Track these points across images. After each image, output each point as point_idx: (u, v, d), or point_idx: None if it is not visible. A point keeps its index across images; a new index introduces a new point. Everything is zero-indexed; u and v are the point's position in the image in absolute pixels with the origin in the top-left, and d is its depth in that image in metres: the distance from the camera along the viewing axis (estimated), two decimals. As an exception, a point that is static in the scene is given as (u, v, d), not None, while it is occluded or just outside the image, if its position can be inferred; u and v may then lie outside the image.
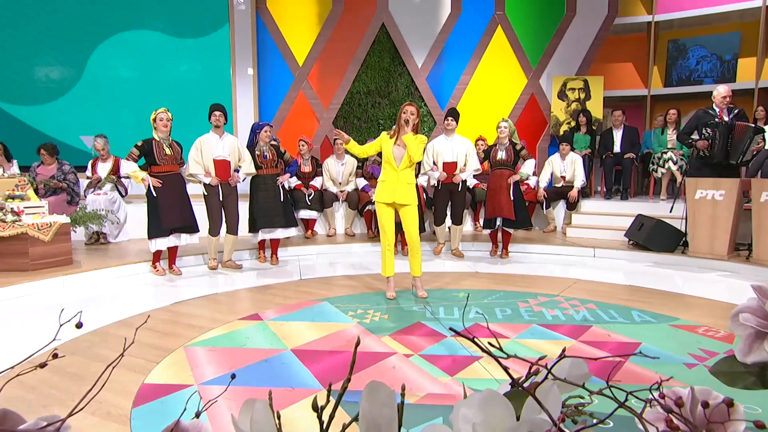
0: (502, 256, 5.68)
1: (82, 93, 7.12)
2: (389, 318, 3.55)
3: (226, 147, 5.07)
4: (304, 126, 7.87)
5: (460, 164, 5.54)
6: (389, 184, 3.96)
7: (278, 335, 3.19)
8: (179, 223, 4.81)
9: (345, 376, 2.60)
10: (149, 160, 4.72)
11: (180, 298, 4.11)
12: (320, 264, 5.53)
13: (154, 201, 4.71)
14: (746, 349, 0.51)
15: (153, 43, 7.29)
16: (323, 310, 3.74)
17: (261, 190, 5.31)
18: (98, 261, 5.08)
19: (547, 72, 8.17)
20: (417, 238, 4.02)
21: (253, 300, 4.07)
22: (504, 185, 5.36)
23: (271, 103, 7.88)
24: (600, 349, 2.92)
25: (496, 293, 4.16)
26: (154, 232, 4.75)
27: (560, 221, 7.00)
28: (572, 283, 4.48)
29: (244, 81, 7.56)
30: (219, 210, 5.09)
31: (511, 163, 5.40)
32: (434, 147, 5.59)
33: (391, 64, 7.97)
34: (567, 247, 5.89)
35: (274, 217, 5.33)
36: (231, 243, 5.26)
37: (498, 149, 5.46)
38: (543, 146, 8.24)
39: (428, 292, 4.13)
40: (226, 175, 5.07)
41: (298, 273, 5.04)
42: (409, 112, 3.92)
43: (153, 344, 3.04)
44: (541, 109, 8.23)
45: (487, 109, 8.02)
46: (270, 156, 5.35)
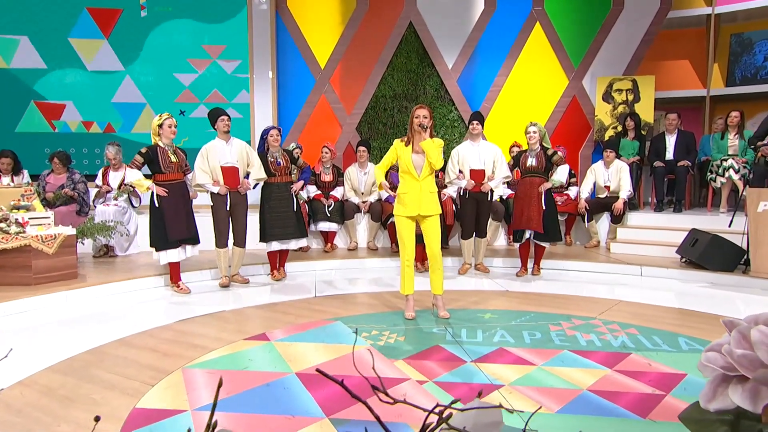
0: (534, 272, 5.57)
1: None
2: (406, 340, 3.50)
3: (234, 152, 5.12)
4: (326, 132, 7.93)
5: (488, 172, 5.48)
6: (412, 196, 3.94)
7: (284, 357, 3.19)
8: (185, 235, 4.87)
9: (350, 404, 2.57)
10: (153, 168, 4.78)
11: (186, 315, 4.16)
12: (338, 280, 5.53)
13: (159, 211, 4.76)
14: (710, 394, 0.45)
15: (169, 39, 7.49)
16: (335, 330, 3.73)
17: (274, 199, 5.33)
18: (104, 275, 5.20)
19: (591, 72, 8.02)
20: (439, 251, 3.98)
21: (261, 318, 4.09)
22: (534, 194, 5.27)
23: (292, 107, 7.98)
24: (638, 380, 2.80)
25: (526, 314, 4.06)
26: (162, 244, 4.81)
27: (603, 235, 6.83)
28: (613, 305, 4.34)
29: (263, 84, 7.68)
30: (227, 220, 5.13)
31: (543, 170, 5.30)
32: (459, 154, 5.54)
33: (419, 65, 7.97)
34: (610, 265, 5.75)
35: (287, 228, 5.35)
36: (239, 256, 5.29)
37: (528, 155, 5.37)
38: (586, 153, 8.07)
39: (451, 312, 4.07)
40: (236, 183, 5.11)
41: (314, 289, 5.05)
42: (422, 116, 3.89)
43: (151, 365, 3.07)
44: (584, 113, 8.07)
45: (523, 113, 7.91)
46: (283, 162, 5.39)
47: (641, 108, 7.70)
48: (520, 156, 5.46)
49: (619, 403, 2.53)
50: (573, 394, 2.63)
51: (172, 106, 7.55)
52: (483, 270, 5.69)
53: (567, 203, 6.74)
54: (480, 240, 5.70)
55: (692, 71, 8.36)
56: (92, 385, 2.79)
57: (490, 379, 2.81)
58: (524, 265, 5.64)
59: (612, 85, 7.80)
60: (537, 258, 5.61)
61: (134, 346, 3.41)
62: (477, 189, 5.47)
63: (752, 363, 0.44)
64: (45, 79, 7.30)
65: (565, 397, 2.60)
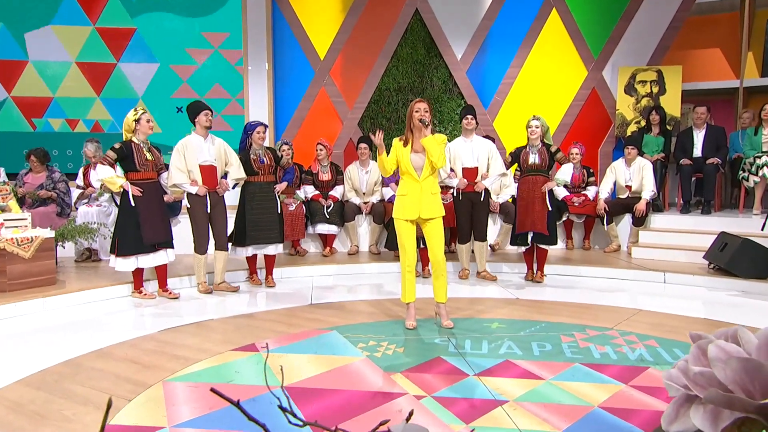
0: (537, 278, 5.54)
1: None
2: (405, 351, 3.49)
3: (213, 150, 5.11)
4: (325, 127, 7.94)
5: (482, 169, 5.47)
6: (412, 198, 3.92)
7: (273, 370, 3.19)
8: (162, 238, 4.88)
9: (340, 420, 2.55)
10: (126, 165, 4.77)
11: (171, 324, 4.17)
12: (337, 286, 5.53)
13: (133, 212, 4.73)
14: (673, 415, 0.43)
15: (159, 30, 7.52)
16: (330, 340, 3.72)
17: (256, 200, 5.32)
18: (86, 281, 5.22)
19: (612, 62, 7.97)
20: (442, 257, 3.96)
21: (251, 327, 4.09)
22: (538, 194, 5.24)
23: (289, 101, 7.99)
24: (655, 396, 2.76)
25: (536, 324, 4.04)
26: (129, 248, 4.74)
27: (624, 239, 6.80)
28: (632, 314, 4.31)
29: (258, 77, 7.69)
30: (206, 223, 5.12)
31: (546, 168, 5.28)
32: (451, 151, 5.53)
33: (425, 56, 7.96)
34: (631, 271, 5.72)
35: (268, 231, 5.33)
36: (222, 261, 5.27)
37: (529, 152, 5.33)
38: (606, 150, 8.02)
39: (455, 322, 4.05)
40: (214, 183, 5.10)
41: (310, 296, 5.05)
42: (422, 110, 3.87)
43: (129, 378, 3.07)
44: (605, 107, 8.02)
45: (538, 107, 7.86)
46: (267, 161, 5.38)
47: (667, 101, 7.63)
48: (520, 152, 5.42)
49: (633, 422, 2.49)
50: (583, 412, 2.60)
51: (167, 103, 7.52)
52: (488, 278, 5.65)
53: (585, 204, 6.70)
54: (480, 244, 5.65)
55: (724, 60, 8.28)
56: (65, 400, 2.78)
57: (493, 394, 2.79)
58: (530, 268, 5.64)
59: (635, 76, 7.75)
60: (540, 262, 5.56)
61: (113, 357, 3.42)
62: (471, 188, 5.45)
63: (709, 382, 0.42)
64: (24, 72, 7.27)
65: (574, 415, 2.57)
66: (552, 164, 5.32)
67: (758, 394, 0.50)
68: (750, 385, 0.50)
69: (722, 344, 0.43)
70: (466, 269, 5.78)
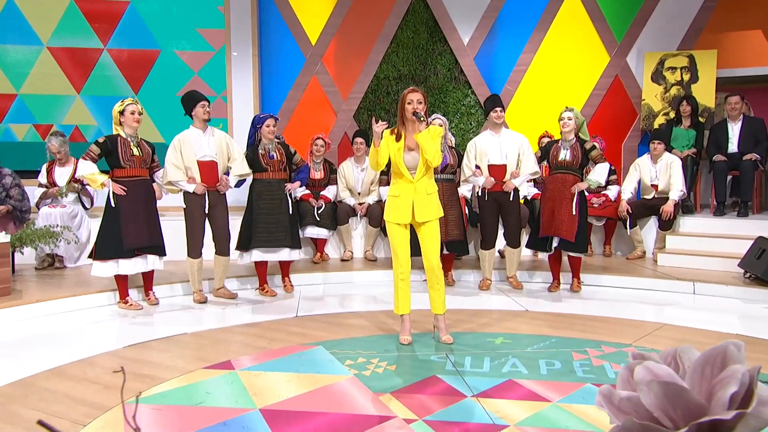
0: (574, 288, 5.54)
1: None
2: (397, 369, 3.48)
3: (213, 144, 5.14)
4: (317, 120, 7.94)
5: (512, 167, 5.44)
6: (405, 200, 3.90)
7: (249, 390, 3.17)
8: (146, 243, 4.88)
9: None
10: (111, 161, 4.80)
11: (139, 338, 4.15)
12: (328, 297, 5.52)
13: (115, 213, 4.77)
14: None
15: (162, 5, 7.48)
16: (314, 357, 3.71)
17: (264, 198, 5.33)
18: (46, 291, 5.21)
19: (638, 47, 7.95)
20: (438, 264, 3.95)
21: (228, 342, 4.08)
22: (566, 195, 5.20)
23: (277, 91, 7.99)
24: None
25: (546, 339, 4.03)
26: (108, 251, 4.77)
27: (650, 245, 6.76)
28: (656, 329, 4.28)
29: (242, 64, 7.70)
30: (202, 225, 5.15)
31: (577, 167, 5.25)
32: (477, 146, 5.52)
33: (428, 41, 7.95)
34: (657, 280, 5.69)
35: (277, 233, 5.34)
36: (223, 266, 5.31)
37: (560, 147, 5.32)
38: (630, 145, 8.00)
39: (455, 336, 4.03)
40: (214, 180, 5.13)
41: (296, 308, 5.04)
42: (415, 101, 3.80)
43: (86, 400, 3.06)
44: (629, 97, 8.00)
45: (554, 97, 7.85)
46: (278, 156, 5.40)
47: (699, 90, 7.61)
48: (551, 147, 5.40)
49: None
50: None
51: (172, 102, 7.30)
52: (516, 286, 5.67)
53: (605, 206, 6.66)
54: (512, 250, 5.67)
55: (764, 44, 8.22)
56: (11, 426, 2.77)
57: (492, 418, 2.76)
58: (556, 277, 5.62)
59: (663, 62, 7.73)
60: (574, 271, 5.56)
61: (69, 377, 3.40)
62: (498, 188, 5.43)
63: (636, 408, 0.39)
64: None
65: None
66: (585, 162, 5.30)
67: (681, 420, 0.48)
68: (672, 411, 0.48)
69: (651, 366, 0.40)
70: (488, 279, 5.75)
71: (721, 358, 0.90)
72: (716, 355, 0.91)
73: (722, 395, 0.82)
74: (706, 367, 0.88)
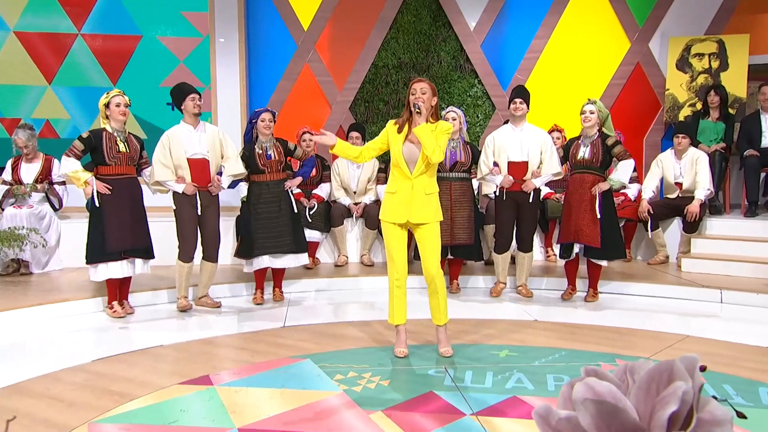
0: (588, 298, 5.53)
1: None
2: (391, 384, 3.48)
3: (204, 141, 5.14)
4: (310, 113, 7.95)
5: (533, 166, 5.45)
6: (401, 197, 3.91)
7: (227, 407, 3.17)
8: (130, 245, 4.89)
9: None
10: (96, 157, 4.82)
11: (110, 351, 4.14)
12: (319, 305, 5.53)
13: (99, 213, 4.80)
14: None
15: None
16: (301, 371, 3.71)
17: (263, 202, 5.35)
18: (9, 299, 5.20)
19: (662, 31, 7.96)
20: (438, 270, 3.95)
21: (208, 355, 4.08)
22: (586, 197, 5.20)
23: (266, 82, 8.01)
24: (693, 441, 2.70)
25: (556, 352, 4.02)
26: (96, 256, 4.82)
27: (673, 249, 6.74)
28: (677, 341, 4.27)
29: (228, 51, 7.70)
30: (194, 228, 5.16)
31: (599, 165, 5.25)
32: (495, 141, 5.53)
33: (431, 26, 7.96)
34: (681, 287, 5.68)
35: (280, 239, 5.37)
36: (209, 273, 5.32)
37: (581, 144, 5.32)
38: (653, 139, 8.00)
39: (456, 348, 4.03)
40: (206, 180, 5.14)
41: (283, 317, 5.04)
42: (419, 90, 3.84)
43: (47, 420, 3.05)
44: (652, 86, 8.01)
45: (568, 87, 7.88)
46: (275, 156, 5.40)
47: (729, 78, 7.60)
48: (570, 145, 5.42)
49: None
50: (602, 461, 2.55)
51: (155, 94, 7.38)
52: (525, 294, 5.68)
53: (625, 206, 6.65)
54: (524, 255, 5.69)
55: (803, 28, 8.21)
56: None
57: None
58: (571, 283, 5.63)
59: (690, 48, 7.72)
60: (591, 280, 5.56)
61: (31, 394, 3.39)
62: (517, 187, 5.44)
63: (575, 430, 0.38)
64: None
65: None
66: (608, 161, 5.29)
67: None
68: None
69: (592, 383, 0.39)
70: (501, 283, 5.78)
71: (668, 374, 0.90)
72: (663, 371, 0.91)
73: (661, 415, 0.82)
74: (652, 384, 0.88)
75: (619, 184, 5.35)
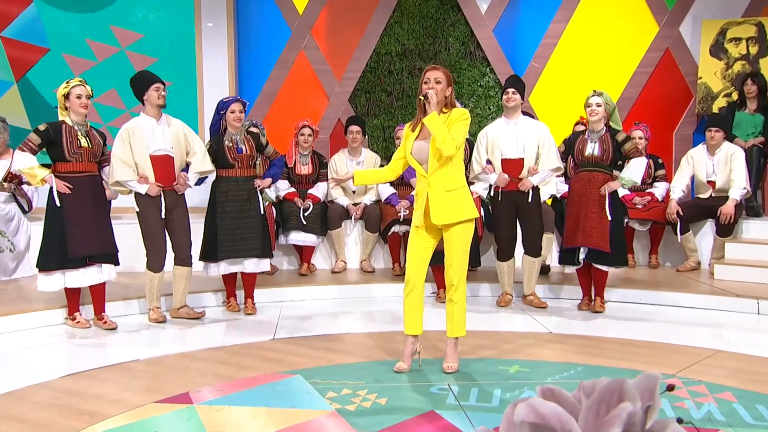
0: (594, 307, 5.50)
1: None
2: (388, 403, 3.47)
3: (168, 136, 5.13)
4: (305, 104, 7.97)
5: (530, 162, 5.44)
6: (420, 198, 3.96)
7: (207, 428, 3.17)
8: (95, 250, 4.88)
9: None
10: (54, 153, 4.81)
11: (81, 366, 4.14)
12: (314, 315, 5.53)
13: (58, 215, 4.78)
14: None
15: None
16: (290, 388, 3.71)
17: (230, 200, 5.36)
18: (-25, 308, 5.22)
19: (693, 14, 7.93)
20: (460, 276, 3.93)
21: (188, 371, 4.08)
22: (594, 197, 5.20)
23: (258, 70, 8.03)
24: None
25: (572, 368, 4.01)
26: (51, 261, 4.79)
27: (705, 254, 6.73)
28: (707, 356, 4.24)
29: (215, 37, 7.72)
30: (162, 232, 5.16)
31: (609, 163, 5.26)
32: (488, 136, 5.54)
33: (439, 9, 7.96)
34: (713, 297, 5.65)
35: (246, 241, 5.37)
36: (184, 279, 5.29)
37: (587, 139, 5.32)
38: (684, 133, 7.98)
39: (463, 363, 4.03)
40: (171, 178, 5.13)
41: (274, 328, 5.04)
42: (433, 80, 3.86)
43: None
44: (682, 74, 7.98)
45: (590, 76, 7.85)
46: (247, 150, 5.41)
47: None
48: (575, 140, 5.41)
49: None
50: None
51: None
52: (537, 304, 5.64)
53: (651, 207, 6.64)
54: (530, 259, 5.67)
55: None
56: None
57: (497, 464, 2.72)
58: (586, 294, 5.62)
59: (725, 32, 7.72)
60: (598, 287, 5.53)
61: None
62: (513, 186, 5.43)
63: None
64: None
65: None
66: (618, 157, 5.30)
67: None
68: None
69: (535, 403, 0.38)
70: (508, 294, 5.77)
71: (618, 394, 0.90)
72: (613, 391, 0.91)
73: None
74: (601, 405, 0.88)
75: (630, 183, 5.35)
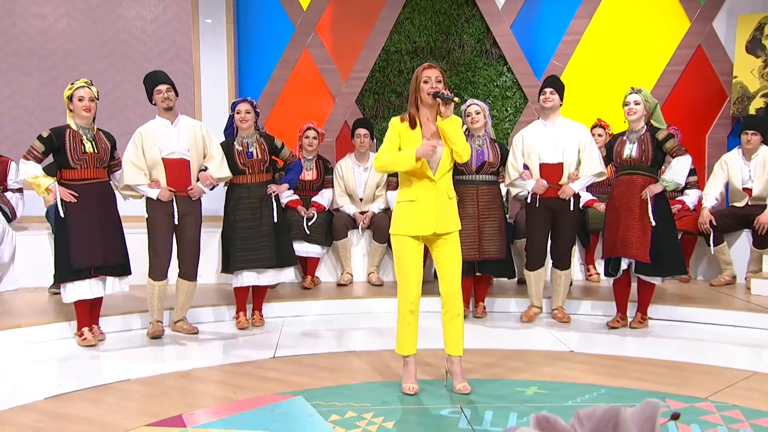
0: (634, 324, 5.50)
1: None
2: (396, 426, 3.48)
3: (184, 138, 5.17)
4: (309, 106, 7.98)
5: (569, 167, 5.45)
6: (425, 206, 3.90)
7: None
8: (101, 261, 4.90)
9: None
10: (59, 160, 4.85)
11: (67, 386, 4.14)
12: (318, 332, 5.56)
13: (64, 225, 4.81)
14: None
15: None
16: (290, 410, 3.72)
17: (241, 208, 5.40)
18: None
19: (728, 8, 7.91)
20: (458, 288, 3.95)
21: (182, 391, 4.09)
22: (635, 202, 5.19)
23: (259, 69, 8.05)
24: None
25: (594, 390, 3.99)
26: (65, 274, 4.84)
27: (741, 267, 6.69)
28: (742, 378, 4.21)
29: (214, 34, 7.76)
30: (169, 240, 5.19)
31: (649, 164, 5.23)
32: (524, 140, 5.55)
33: (452, 4, 7.97)
34: (749, 314, 5.63)
35: (259, 251, 5.39)
36: (186, 293, 5.33)
37: (626, 141, 5.31)
38: (717, 136, 7.95)
39: (474, 384, 4.02)
40: (185, 183, 5.16)
41: (275, 346, 5.05)
42: (433, 78, 3.85)
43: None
44: (716, 73, 7.96)
45: (615, 75, 7.86)
46: (258, 154, 5.43)
47: (810, 64, 7.57)
48: (614, 142, 5.42)
49: None
50: None
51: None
52: (562, 319, 5.68)
53: (682, 215, 6.61)
54: (560, 273, 5.69)
55: None
56: None
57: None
58: (621, 310, 5.57)
59: (763, 27, 7.71)
60: (641, 302, 5.53)
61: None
62: (552, 193, 5.43)
63: None
64: None
65: None
66: (660, 158, 5.28)
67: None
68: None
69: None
70: (536, 307, 5.77)
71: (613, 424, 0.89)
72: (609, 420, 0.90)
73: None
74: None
75: (673, 185, 5.30)
